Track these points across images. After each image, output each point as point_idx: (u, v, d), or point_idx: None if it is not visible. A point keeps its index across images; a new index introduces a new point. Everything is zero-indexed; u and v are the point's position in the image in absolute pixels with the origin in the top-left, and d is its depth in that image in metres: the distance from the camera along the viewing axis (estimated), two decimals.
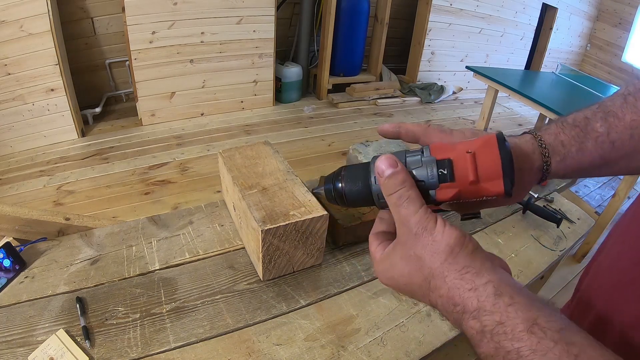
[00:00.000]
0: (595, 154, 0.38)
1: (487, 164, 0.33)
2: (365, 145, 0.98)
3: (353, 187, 0.38)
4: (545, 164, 0.38)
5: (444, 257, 0.31)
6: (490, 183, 0.33)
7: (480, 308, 0.29)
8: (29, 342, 0.62)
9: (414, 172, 0.35)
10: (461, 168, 0.33)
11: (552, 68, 4.64)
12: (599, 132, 0.38)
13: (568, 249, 0.96)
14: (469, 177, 0.33)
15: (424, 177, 0.34)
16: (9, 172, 2.35)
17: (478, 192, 0.34)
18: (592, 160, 0.39)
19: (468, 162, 0.33)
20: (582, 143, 0.38)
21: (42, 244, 0.80)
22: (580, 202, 2.37)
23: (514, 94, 2.34)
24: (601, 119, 0.38)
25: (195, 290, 0.73)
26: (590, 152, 0.38)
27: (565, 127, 0.39)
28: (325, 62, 3.57)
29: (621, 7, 4.80)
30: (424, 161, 0.35)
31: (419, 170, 0.35)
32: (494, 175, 0.33)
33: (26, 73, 2.37)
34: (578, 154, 0.39)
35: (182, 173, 2.45)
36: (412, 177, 0.35)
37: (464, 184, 0.33)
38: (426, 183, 0.34)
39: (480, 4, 4.07)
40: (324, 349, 0.64)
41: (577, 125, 0.39)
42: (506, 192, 0.33)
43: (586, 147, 0.38)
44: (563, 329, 0.26)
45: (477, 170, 0.33)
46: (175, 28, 2.76)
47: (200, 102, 3.12)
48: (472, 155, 0.33)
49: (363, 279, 0.78)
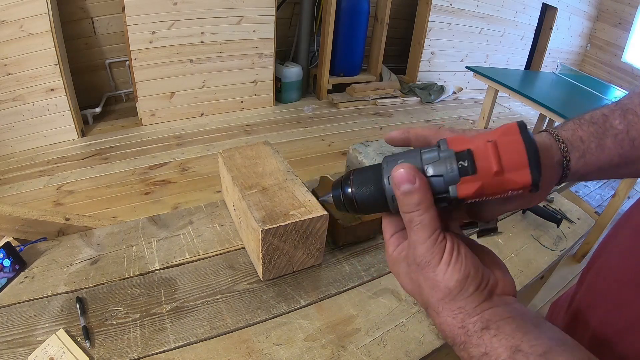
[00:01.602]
0: (614, 152, 0.37)
1: (510, 153, 0.30)
2: (365, 145, 0.98)
3: (364, 192, 0.35)
4: (564, 159, 0.37)
5: (440, 296, 0.32)
6: (516, 173, 0.30)
7: (466, 342, 0.30)
8: (29, 342, 0.62)
9: (431, 167, 0.32)
10: (483, 158, 0.30)
11: (552, 68, 4.64)
12: (618, 129, 0.37)
13: (568, 249, 0.96)
14: (492, 168, 0.30)
15: (443, 171, 0.31)
16: (9, 172, 2.35)
17: (503, 184, 0.30)
18: (611, 158, 0.37)
19: (490, 152, 0.30)
20: (601, 140, 0.37)
21: (42, 244, 0.80)
22: (580, 202, 2.37)
23: (514, 94, 2.34)
24: (620, 116, 0.37)
25: (195, 290, 0.73)
26: (610, 149, 0.37)
27: (582, 123, 0.38)
28: (325, 62, 3.57)
29: (621, 7, 4.80)
30: (441, 156, 0.31)
31: (436, 165, 0.32)
32: (519, 165, 0.30)
33: (26, 73, 2.37)
34: (597, 151, 0.37)
35: (182, 173, 2.45)
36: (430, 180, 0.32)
37: (487, 176, 0.30)
38: (445, 178, 0.31)
39: (480, 4, 4.07)
40: (324, 349, 0.64)
41: (595, 122, 0.38)
42: (533, 182, 0.29)
43: (605, 144, 0.37)
44: (547, 352, 0.27)
45: (501, 159, 0.30)
46: (175, 28, 2.76)
47: (200, 102, 3.12)
48: (494, 144, 0.30)
49: (363, 279, 0.78)
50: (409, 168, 0.31)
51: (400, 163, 0.32)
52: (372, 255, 0.84)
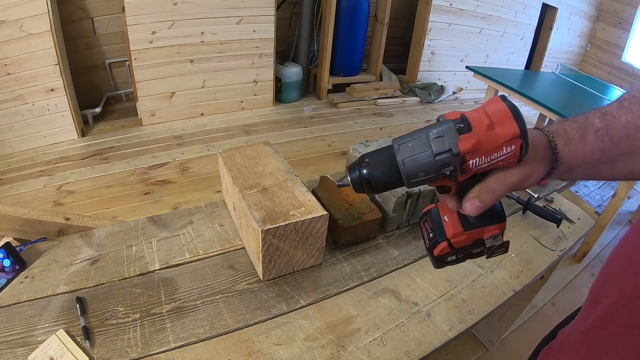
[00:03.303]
0: (596, 146, 0.41)
1: (497, 112, 0.37)
2: (365, 145, 0.98)
3: (381, 172, 0.40)
4: (552, 142, 0.42)
5: None
6: (505, 127, 0.37)
7: None
8: (29, 342, 0.62)
9: (433, 132, 0.37)
10: (475, 119, 0.37)
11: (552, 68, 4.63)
12: (598, 126, 0.42)
13: (568, 249, 0.96)
14: (484, 122, 0.37)
15: (444, 132, 0.37)
16: (9, 172, 2.35)
17: (496, 137, 0.37)
18: (594, 152, 0.42)
19: (481, 113, 0.37)
20: (584, 133, 0.42)
21: (42, 244, 0.80)
22: (580, 202, 2.37)
23: (514, 94, 2.34)
24: (599, 116, 0.42)
25: (195, 290, 0.73)
26: (592, 142, 0.42)
27: (566, 120, 0.44)
28: (325, 62, 3.57)
29: (621, 7, 4.79)
30: (440, 121, 0.38)
31: (439, 131, 0.37)
32: (506, 119, 0.37)
33: (26, 73, 2.37)
34: (581, 143, 0.42)
35: (182, 173, 2.45)
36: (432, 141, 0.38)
37: (482, 131, 0.37)
38: (447, 139, 0.37)
39: (480, 4, 4.07)
40: (324, 349, 0.64)
41: (577, 120, 0.43)
42: (521, 131, 0.36)
43: (587, 138, 0.42)
44: None
45: (490, 117, 0.37)
46: (175, 28, 2.76)
47: (200, 102, 3.12)
48: (482, 108, 0.38)
49: (363, 279, 0.78)
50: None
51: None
52: (372, 255, 0.84)
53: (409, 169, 0.38)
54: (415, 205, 0.89)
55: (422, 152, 0.38)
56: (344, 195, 0.88)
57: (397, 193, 0.84)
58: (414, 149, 0.38)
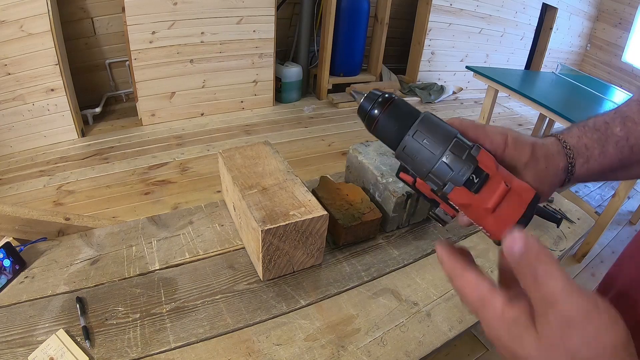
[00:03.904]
0: (615, 158, 0.39)
1: (509, 209, 0.33)
2: (366, 146, 0.98)
3: (387, 125, 0.36)
4: (570, 165, 0.39)
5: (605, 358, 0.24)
6: (498, 223, 0.33)
7: None
8: (29, 342, 0.62)
9: (450, 156, 0.33)
10: (489, 190, 0.33)
11: (552, 68, 4.63)
12: (619, 136, 0.39)
13: (568, 249, 0.96)
14: (488, 203, 0.33)
15: (456, 169, 0.33)
16: (9, 172, 2.35)
17: (483, 221, 0.33)
18: (612, 164, 0.40)
19: (498, 192, 0.32)
20: (604, 147, 0.39)
21: (42, 244, 0.80)
22: (580, 202, 2.37)
23: (514, 94, 2.34)
24: (620, 123, 0.40)
25: (195, 290, 0.73)
26: (611, 155, 0.39)
27: (587, 131, 0.40)
28: (325, 62, 3.57)
29: (621, 7, 4.79)
30: (468, 154, 0.33)
31: (456, 159, 0.33)
32: (506, 221, 0.33)
33: (26, 73, 2.37)
34: (600, 157, 0.39)
35: (182, 173, 2.45)
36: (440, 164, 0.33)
37: (479, 204, 0.33)
38: (452, 176, 0.33)
39: (480, 4, 4.07)
40: (324, 349, 0.64)
41: (598, 129, 0.40)
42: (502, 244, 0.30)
43: (607, 151, 0.39)
44: None
45: (499, 206, 0.33)
46: (175, 28, 2.76)
47: (200, 102, 3.12)
48: (507, 190, 0.33)
49: (363, 279, 0.78)
50: (517, 233, 0.28)
51: (513, 232, 0.28)
52: (372, 255, 0.84)
53: (405, 153, 0.35)
54: (415, 205, 0.89)
55: (426, 157, 0.34)
56: (344, 195, 0.88)
57: (397, 193, 0.84)
58: (423, 146, 0.34)
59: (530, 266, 0.27)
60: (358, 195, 0.88)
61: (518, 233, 0.28)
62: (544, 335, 0.26)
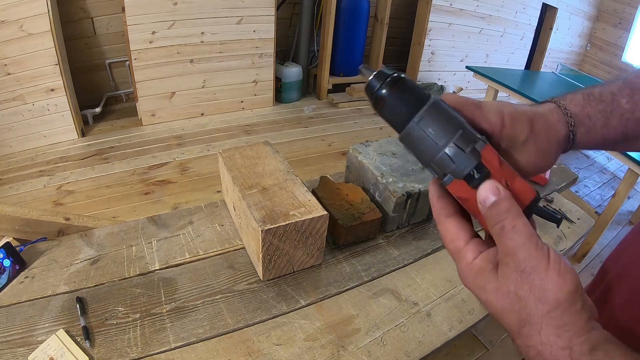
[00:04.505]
0: (619, 131, 0.38)
1: None
2: (366, 146, 0.98)
3: (394, 107, 0.35)
4: (571, 133, 0.38)
5: (547, 309, 0.28)
6: None
7: None
8: (29, 342, 0.62)
9: (454, 148, 0.32)
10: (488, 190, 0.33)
11: (552, 68, 4.64)
12: (625, 108, 0.37)
13: (568, 249, 0.96)
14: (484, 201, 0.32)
15: (459, 161, 0.32)
16: (9, 172, 2.35)
17: (477, 214, 0.33)
18: (615, 136, 0.38)
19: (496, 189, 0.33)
20: (608, 119, 0.38)
21: (42, 244, 0.80)
22: (580, 202, 2.37)
23: (514, 94, 2.35)
24: (627, 95, 0.38)
25: (195, 290, 0.73)
26: (615, 128, 0.38)
27: (591, 99, 0.39)
28: (325, 62, 3.57)
29: (621, 7, 4.80)
30: (472, 149, 0.32)
31: (459, 152, 0.32)
32: None
33: (26, 73, 2.37)
34: (603, 129, 0.38)
35: (182, 173, 2.45)
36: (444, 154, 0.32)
37: (475, 200, 0.32)
38: (454, 168, 0.33)
39: (480, 4, 4.07)
40: (324, 349, 0.64)
41: (604, 100, 0.38)
42: None
43: (611, 123, 0.38)
44: None
45: None
46: (175, 28, 2.76)
47: (200, 102, 3.12)
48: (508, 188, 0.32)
49: (363, 279, 0.78)
50: (490, 184, 0.31)
51: (484, 181, 0.31)
52: (372, 255, 0.84)
53: (409, 139, 0.34)
54: (415, 205, 0.89)
55: (430, 146, 0.33)
56: (344, 195, 0.88)
57: (397, 193, 0.84)
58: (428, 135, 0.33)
59: (499, 218, 0.30)
60: (358, 195, 0.88)
61: (491, 186, 0.30)
62: (502, 283, 0.30)
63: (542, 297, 0.28)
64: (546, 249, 0.29)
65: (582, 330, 0.27)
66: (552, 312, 0.28)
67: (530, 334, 0.29)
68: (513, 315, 0.30)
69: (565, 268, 0.28)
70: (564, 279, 0.28)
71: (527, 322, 0.29)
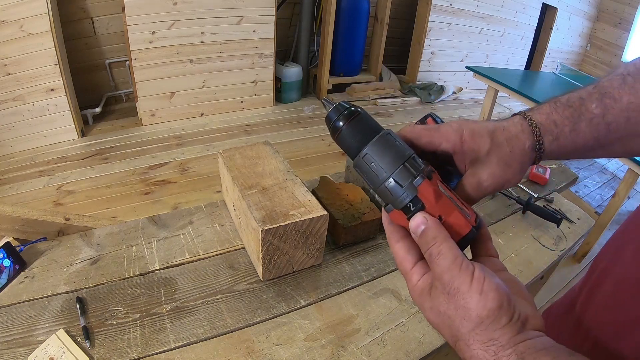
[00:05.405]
0: (589, 136, 0.38)
1: None
2: None
3: (349, 138, 0.38)
4: (537, 143, 0.38)
5: (472, 326, 0.30)
6: None
7: None
8: (29, 342, 0.62)
9: (394, 179, 0.35)
10: (418, 223, 0.35)
11: (552, 68, 4.64)
12: (594, 113, 0.37)
13: (568, 249, 0.96)
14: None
15: (396, 194, 0.35)
16: (9, 172, 2.35)
17: None
18: (586, 141, 0.38)
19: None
20: (576, 124, 0.38)
21: (42, 244, 0.80)
22: (580, 202, 2.37)
23: (514, 94, 2.35)
24: (597, 99, 0.37)
25: (195, 290, 0.72)
26: (584, 133, 0.38)
27: (558, 106, 0.39)
28: (325, 62, 3.57)
29: (621, 7, 4.80)
30: (409, 183, 0.35)
31: (397, 186, 0.35)
32: None
33: (26, 73, 2.37)
34: (571, 135, 0.38)
35: (182, 173, 2.45)
36: (388, 184, 0.35)
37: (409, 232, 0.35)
38: (392, 199, 0.36)
39: (480, 4, 4.08)
40: (324, 349, 0.64)
41: (571, 105, 0.38)
42: None
43: (580, 128, 0.37)
44: None
45: None
46: (175, 28, 2.76)
47: (200, 102, 3.12)
48: (438, 223, 0.35)
49: (363, 279, 0.78)
50: (420, 215, 0.34)
51: (415, 214, 0.34)
52: (372, 255, 0.84)
53: (357, 169, 0.38)
54: None
55: (373, 178, 0.37)
56: (344, 195, 0.88)
57: None
58: (371, 169, 0.36)
59: (427, 245, 0.33)
60: (358, 195, 0.88)
61: (420, 217, 0.33)
62: (434, 304, 0.33)
63: (466, 316, 0.30)
64: (470, 270, 0.31)
65: (509, 344, 0.29)
66: (476, 328, 0.30)
67: (462, 348, 0.31)
68: (447, 331, 0.32)
69: (489, 286, 0.30)
70: (485, 297, 0.29)
71: (458, 338, 0.31)
